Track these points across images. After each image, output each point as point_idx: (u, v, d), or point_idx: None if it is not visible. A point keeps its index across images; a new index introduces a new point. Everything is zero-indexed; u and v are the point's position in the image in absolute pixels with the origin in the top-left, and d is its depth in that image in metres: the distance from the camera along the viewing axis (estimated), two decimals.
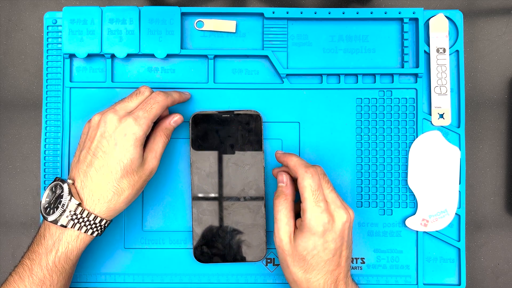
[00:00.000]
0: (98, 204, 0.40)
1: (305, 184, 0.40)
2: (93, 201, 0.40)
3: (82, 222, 0.40)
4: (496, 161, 0.50)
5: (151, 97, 0.43)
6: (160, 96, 0.43)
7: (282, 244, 0.41)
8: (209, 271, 0.48)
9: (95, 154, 0.41)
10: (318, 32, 0.49)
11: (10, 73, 0.51)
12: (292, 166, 0.42)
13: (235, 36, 0.49)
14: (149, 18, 0.47)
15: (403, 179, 0.48)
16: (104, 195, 0.40)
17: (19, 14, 0.51)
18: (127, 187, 0.41)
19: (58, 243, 0.40)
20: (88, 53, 0.47)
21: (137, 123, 0.41)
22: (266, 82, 0.49)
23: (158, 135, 0.43)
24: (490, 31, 0.51)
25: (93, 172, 0.40)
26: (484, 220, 0.50)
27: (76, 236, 0.40)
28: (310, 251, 0.40)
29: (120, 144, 0.40)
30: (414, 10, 0.48)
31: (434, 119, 0.48)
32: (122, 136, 0.40)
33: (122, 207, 0.41)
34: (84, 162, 0.41)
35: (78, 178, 0.41)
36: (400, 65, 0.49)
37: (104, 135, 0.41)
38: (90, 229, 0.41)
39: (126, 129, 0.40)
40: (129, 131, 0.40)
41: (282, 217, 0.41)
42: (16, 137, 0.50)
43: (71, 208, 0.39)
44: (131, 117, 0.41)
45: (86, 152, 0.41)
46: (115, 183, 0.40)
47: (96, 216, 0.40)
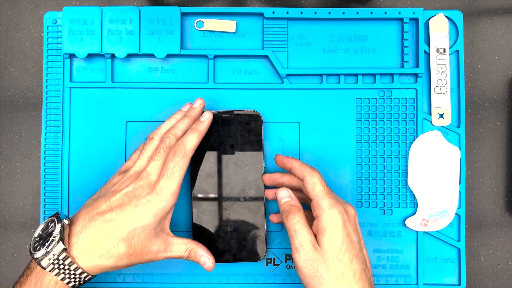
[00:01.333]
0: (87, 255, 0.38)
1: (315, 181, 0.40)
2: (83, 250, 0.38)
3: (62, 269, 0.37)
4: (496, 161, 0.50)
5: (169, 158, 0.40)
6: (179, 155, 0.40)
7: (310, 255, 0.38)
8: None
9: (112, 208, 0.39)
10: (318, 32, 0.49)
11: (10, 73, 0.51)
12: (298, 167, 0.42)
13: (235, 36, 0.49)
14: (149, 18, 0.47)
15: (403, 179, 0.48)
16: (97, 248, 0.38)
17: (19, 14, 0.51)
18: (124, 252, 0.39)
19: (39, 284, 0.37)
20: (88, 53, 0.47)
21: (161, 195, 0.39)
22: (266, 82, 0.49)
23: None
24: (490, 31, 0.51)
25: (99, 221, 0.38)
26: (484, 220, 0.50)
27: (55, 281, 0.38)
28: (341, 246, 0.38)
29: (140, 207, 0.39)
30: (414, 10, 0.48)
31: (434, 119, 0.48)
32: (145, 202, 0.39)
33: (107, 269, 0.39)
34: (96, 209, 0.39)
35: (82, 221, 0.39)
36: (400, 65, 0.49)
37: (128, 195, 0.40)
38: (67, 279, 0.38)
39: (151, 197, 0.39)
40: (153, 201, 0.39)
41: (301, 227, 0.39)
42: (16, 137, 0.50)
43: (56, 251, 0.37)
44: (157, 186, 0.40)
45: (103, 201, 0.40)
46: (116, 242, 0.38)
47: (77, 267, 0.38)
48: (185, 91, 0.48)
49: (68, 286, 0.38)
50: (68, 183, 0.48)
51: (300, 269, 0.39)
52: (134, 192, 0.40)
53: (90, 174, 0.48)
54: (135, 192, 0.40)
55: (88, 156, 0.48)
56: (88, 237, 0.38)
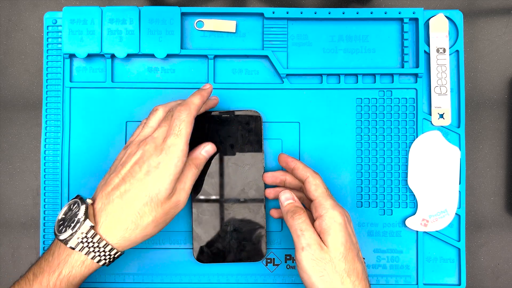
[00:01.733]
0: (113, 231, 0.38)
1: (317, 182, 0.41)
2: (108, 226, 0.38)
3: (92, 247, 0.38)
4: (496, 161, 0.50)
5: (177, 115, 0.40)
6: (183, 113, 0.40)
7: (317, 254, 0.38)
8: (209, 271, 0.48)
9: (124, 179, 0.39)
10: (318, 32, 0.49)
11: (10, 73, 0.51)
12: (302, 168, 0.42)
13: (235, 36, 0.49)
14: (149, 18, 0.47)
15: (403, 179, 0.48)
16: (121, 222, 0.38)
17: (19, 14, 0.51)
18: (148, 219, 0.38)
19: (63, 264, 0.38)
20: (88, 53, 0.47)
21: (169, 152, 0.39)
22: (266, 82, 0.49)
23: (187, 165, 0.41)
24: (490, 31, 0.51)
25: (116, 196, 0.38)
26: (484, 220, 0.50)
27: (82, 261, 0.38)
28: (345, 245, 0.39)
29: (153, 173, 0.38)
30: (414, 10, 0.48)
31: (434, 119, 0.48)
32: (156, 165, 0.38)
33: (137, 240, 0.39)
34: (110, 185, 0.39)
35: (100, 200, 0.39)
36: (400, 65, 0.49)
37: (138, 162, 0.39)
38: (98, 257, 0.38)
39: (160, 158, 0.39)
40: (163, 160, 0.38)
41: (307, 227, 0.39)
42: (16, 137, 0.50)
43: (84, 230, 0.37)
44: (165, 146, 0.39)
45: (115, 175, 0.39)
46: (137, 212, 0.38)
47: (107, 244, 0.38)
48: (185, 91, 0.48)
49: (95, 265, 0.38)
50: (68, 183, 0.48)
51: (305, 269, 0.39)
52: (143, 158, 0.39)
53: (90, 174, 0.48)
54: (144, 158, 0.39)
55: (88, 156, 0.48)
56: (109, 213, 0.38)
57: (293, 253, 0.48)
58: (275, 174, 0.45)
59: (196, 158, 0.42)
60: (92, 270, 0.39)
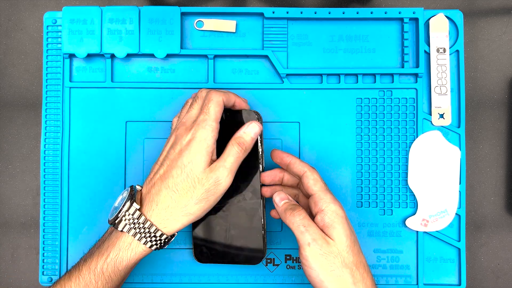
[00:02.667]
0: (155, 211, 0.38)
1: (316, 177, 0.41)
2: (151, 206, 0.39)
3: (138, 229, 0.38)
4: (496, 161, 0.50)
5: (206, 97, 0.40)
6: (213, 94, 0.40)
7: (325, 248, 0.38)
8: (209, 271, 0.48)
9: (162, 163, 0.40)
10: (318, 32, 0.49)
11: (10, 73, 0.51)
12: (298, 163, 0.42)
13: (235, 36, 0.49)
14: (149, 18, 0.47)
15: (403, 179, 0.48)
16: (162, 201, 0.38)
17: (19, 14, 0.51)
18: (188, 195, 0.38)
19: (111, 248, 0.38)
20: (88, 53, 0.47)
21: (199, 128, 0.39)
22: (266, 82, 0.49)
23: (229, 144, 0.40)
24: (490, 31, 0.51)
25: (157, 179, 0.39)
26: (484, 220, 0.50)
27: (128, 243, 0.38)
28: (350, 238, 0.39)
29: (184, 150, 0.39)
30: (414, 10, 0.48)
31: (434, 119, 0.48)
32: (186, 142, 0.39)
33: (181, 220, 0.39)
34: (152, 172, 0.41)
35: (145, 186, 0.40)
36: (400, 65, 0.49)
37: (172, 146, 0.40)
38: (144, 238, 0.38)
39: (190, 135, 0.39)
40: (193, 137, 0.39)
41: (309, 223, 0.39)
42: (16, 137, 0.50)
43: (131, 211, 0.38)
44: (194, 124, 0.40)
45: (155, 163, 0.41)
46: (175, 189, 0.38)
47: (151, 225, 0.38)
48: (185, 91, 0.48)
49: (142, 249, 0.39)
50: (68, 183, 0.48)
51: (314, 265, 0.38)
52: (176, 141, 0.40)
53: (90, 174, 0.48)
54: (176, 140, 0.40)
55: (88, 156, 0.48)
56: (151, 195, 0.39)
57: (293, 253, 0.48)
58: (273, 173, 0.45)
59: (239, 136, 0.41)
60: (139, 254, 0.39)
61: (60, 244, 0.47)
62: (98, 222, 0.48)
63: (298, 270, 0.48)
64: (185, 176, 0.38)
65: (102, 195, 0.48)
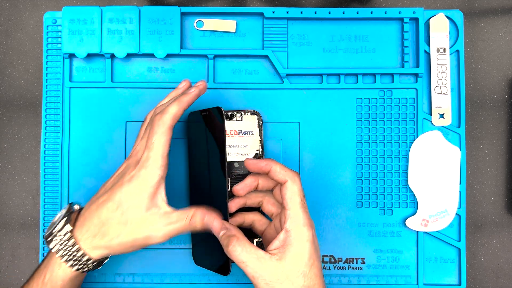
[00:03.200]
0: (85, 235, 0.38)
1: (295, 190, 0.38)
2: (81, 230, 0.38)
3: (66, 251, 0.38)
4: (496, 161, 0.50)
5: (151, 128, 0.39)
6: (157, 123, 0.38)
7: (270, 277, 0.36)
8: (209, 271, 0.47)
9: (106, 190, 0.39)
10: (318, 32, 0.49)
11: (10, 73, 0.51)
12: (278, 170, 0.39)
13: (235, 36, 0.49)
14: (149, 18, 0.47)
15: (403, 179, 0.48)
16: (92, 229, 0.38)
17: (19, 14, 0.51)
18: (114, 230, 0.38)
19: (46, 269, 0.38)
20: (88, 53, 0.47)
21: (141, 167, 0.38)
22: (266, 82, 0.49)
23: (181, 212, 0.38)
24: (490, 31, 0.51)
25: (95, 204, 0.39)
26: (484, 220, 0.50)
27: (59, 264, 0.38)
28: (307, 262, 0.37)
29: (126, 187, 0.38)
30: (414, 10, 0.48)
31: (435, 119, 0.48)
32: (129, 179, 0.38)
33: (107, 251, 0.38)
34: (96, 195, 0.40)
35: (87, 205, 0.40)
36: (400, 65, 0.49)
37: (122, 174, 0.39)
38: (72, 261, 0.38)
39: (134, 172, 0.38)
40: (135, 175, 0.38)
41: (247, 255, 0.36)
42: (16, 137, 0.50)
43: (62, 232, 0.38)
44: (141, 160, 0.38)
45: (102, 187, 0.41)
46: (103, 219, 0.38)
47: (79, 249, 0.38)
48: None
49: (72, 270, 0.38)
50: (68, 183, 0.48)
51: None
52: (124, 171, 0.39)
53: (90, 174, 0.48)
54: (124, 171, 0.39)
55: (88, 156, 0.48)
56: (84, 218, 0.38)
57: None
58: (247, 184, 0.41)
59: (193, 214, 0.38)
60: (71, 274, 0.38)
61: None
62: None
63: None
64: (120, 213, 0.37)
65: None
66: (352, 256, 0.48)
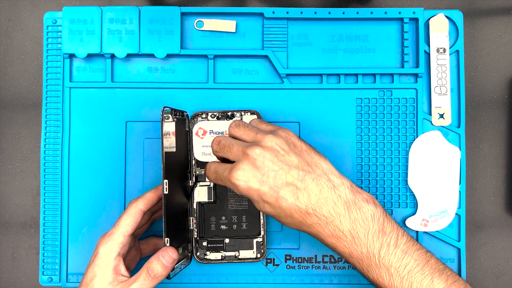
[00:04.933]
0: None
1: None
2: None
3: None
4: (496, 161, 0.50)
5: (120, 216, 0.42)
6: (129, 207, 0.42)
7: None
8: (209, 271, 0.48)
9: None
10: (318, 32, 0.49)
11: (10, 73, 0.51)
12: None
13: (235, 36, 0.49)
14: (149, 18, 0.47)
15: (403, 179, 0.48)
16: None
17: (19, 14, 0.51)
18: None
19: None
20: (88, 53, 0.47)
21: (101, 244, 0.41)
22: (266, 82, 0.49)
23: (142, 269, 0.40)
24: (490, 31, 0.51)
25: None
26: (484, 220, 0.50)
27: None
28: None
29: (89, 267, 0.41)
30: (414, 10, 0.48)
31: (434, 119, 0.48)
32: (91, 259, 0.42)
33: None
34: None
35: None
36: (400, 65, 0.49)
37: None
38: None
39: (96, 250, 0.41)
40: (97, 252, 0.41)
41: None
42: (16, 137, 0.50)
43: None
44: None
45: None
46: None
47: None
48: (185, 91, 0.48)
49: None
50: (68, 183, 0.48)
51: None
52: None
53: (90, 174, 0.48)
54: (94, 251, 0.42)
55: (88, 156, 0.48)
56: None
57: (293, 253, 0.48)
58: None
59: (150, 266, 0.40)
60: None
61: (60, 244, 0.47)
62: (98, 222, 0.48)
63: (298, 270, 0.48)
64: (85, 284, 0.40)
65: (102, 195, 0.48)
66: None
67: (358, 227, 0.36)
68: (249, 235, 0.46)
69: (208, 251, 0.46)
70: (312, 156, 0.38)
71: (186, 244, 0.45)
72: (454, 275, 0.37)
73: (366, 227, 0.37)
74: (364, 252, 0.37)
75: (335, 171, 0.38)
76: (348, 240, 0.37)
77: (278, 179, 0.36)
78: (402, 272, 0.36)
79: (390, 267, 0.36)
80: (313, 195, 0.36)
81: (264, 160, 0.36)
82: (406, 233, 0.38)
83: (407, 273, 0.36)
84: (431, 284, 0.36)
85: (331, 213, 0.36)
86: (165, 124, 0.42)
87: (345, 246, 0.37)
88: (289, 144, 0.38)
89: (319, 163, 0.38)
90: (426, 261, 0.37)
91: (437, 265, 0.37)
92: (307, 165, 0.37)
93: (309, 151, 0.38)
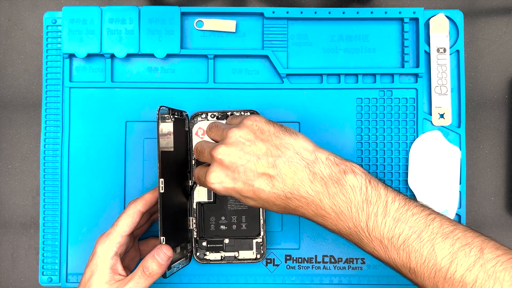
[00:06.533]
0: None
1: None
2: None
3: None
4: (496, 161, 0.50)
5: (119, 216, 0.42)
6: (127, 209, 0.42)
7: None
8: (208, 271, 0.48)
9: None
10: (318, 32, 0.49)
11: (10, 73, 0.51)
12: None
13: (235, 36, 0.49)
14: (149, 18, 0.47)
15: (403, 179, 0.48)
16: None
17: (19, 14, 0.51)
18: None
19: None
20: (87, 53, 0.47)
21: (99, 243, 0.41)
22: (266, 82, 0.48)
23: (137, 268, 0.40)
24: (490, 31, 0.51)
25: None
26: (484, 220, 0.50)
27: None
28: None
29: (87, 266, 0.41)
30: (415, 10, 0.48)
31: (435, 119, 0.48)
32: (89, 258, 0.42)
33: None
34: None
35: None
36: (400, 65, 0.49)
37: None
38: None
39: (94, 250, 0.42)
40: (94, 252, 0.41)
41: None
42: (16, 137, 0.50)
43: None
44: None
45: None
46: None
47: None
48: (185, 91, 0.48)
49: None
50: (67, 183, 0.48)
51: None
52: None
53: (90, 174, 0.48)
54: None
55: (88, 156, 0.48)
56: None
57: (293, 253, 0.48)
58: None
59: (145, 264, 0.40)
60: None
61: (60, 244, 0.47)
62: (98, 222, 0.48)
63: (298, 270, 0.48)
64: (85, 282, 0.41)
65: (102, 195, 0.48)
66: (352, 256, 0.48)
67: (339, 202, 0.34)
68: (248, 236, 0.46)
69: (208, 251, 0.46)
70: (282, 138, 0.36)
71: (186, 244, 0.45)
72: (466, 236, 0.33)
73: (347, 200, 0.34)
74: (351, 227, 0.34)
75: (310, 146, 0.36)
76: (333, 217, 0.35)
77: (248, 172, 0.35)
78: (396, 243, 0.33)
79: (383, 239, 0.34)
80: (288, 179, 0.35)
81: (230, 158, 0.36)
82: (401, 196, 0.35)
83: (402, 243, 0.33)
84: (432, 252, 0.32)
85: (309, 193, 0.35)
86: (163, 123, 0.42)
87: (331, 223, 0.35)
88: (255, 131, 0.36)
89: (289, 143, 0.36)
90: (425, 226, 0.33)
91: (441, 228, 0.33)
92: (276, 148, 0.35)
93: (278, 133, 0.36)
